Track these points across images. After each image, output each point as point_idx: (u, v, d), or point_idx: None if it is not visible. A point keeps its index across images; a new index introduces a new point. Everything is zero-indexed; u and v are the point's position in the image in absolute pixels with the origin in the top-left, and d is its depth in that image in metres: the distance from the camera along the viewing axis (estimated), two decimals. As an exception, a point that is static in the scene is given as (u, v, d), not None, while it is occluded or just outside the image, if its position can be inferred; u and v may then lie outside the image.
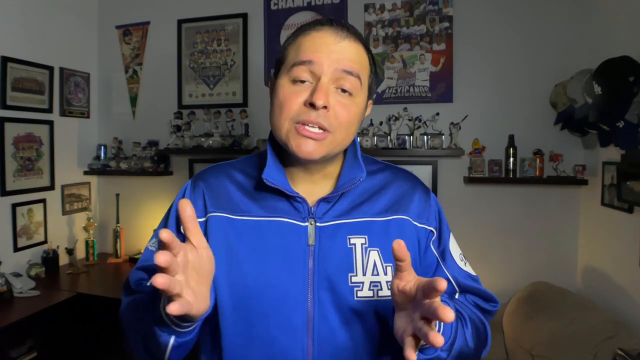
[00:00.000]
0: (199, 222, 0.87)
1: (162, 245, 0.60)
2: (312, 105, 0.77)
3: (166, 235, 0.59)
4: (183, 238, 0.83)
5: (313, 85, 0.79)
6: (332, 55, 0.79)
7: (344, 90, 0.80)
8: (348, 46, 0.81)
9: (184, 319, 0.68)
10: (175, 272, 0.61)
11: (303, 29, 0.84)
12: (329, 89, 0.79)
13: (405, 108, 2.64)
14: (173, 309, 0.58)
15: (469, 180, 2.54)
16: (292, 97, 0.80)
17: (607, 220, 2.21)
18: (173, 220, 0.91)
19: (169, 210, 0.95)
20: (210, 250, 0.70)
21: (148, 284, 0.87)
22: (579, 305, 2.07)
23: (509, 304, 2.33)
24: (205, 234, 0.86)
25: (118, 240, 3.09)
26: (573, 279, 2.50)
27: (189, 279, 0.65)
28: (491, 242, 2.61)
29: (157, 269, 0.80)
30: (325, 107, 0.78)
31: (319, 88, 0.77)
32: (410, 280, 0.67)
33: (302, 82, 0.80)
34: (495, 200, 2.60)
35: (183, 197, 0.92)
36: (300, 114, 0.79)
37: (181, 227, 0.84)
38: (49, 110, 2.89)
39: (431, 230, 0.92)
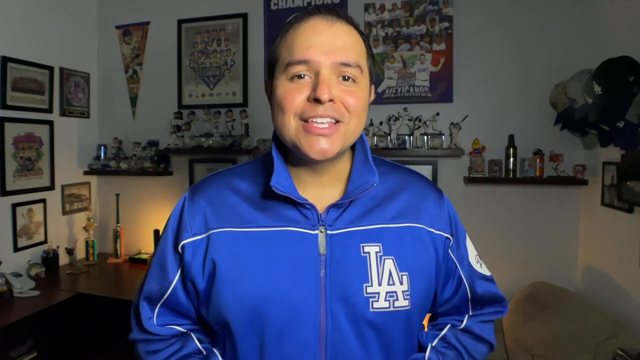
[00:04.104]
0: (198, 239, 0.84)
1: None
2: (316, 100, 0.73)
3: None
4: (180, 257, 0.87)
5: (313, 80, 0.75)
6: (326, 47, 0.75)
7: (346, 78, 0.77)
8: (340, 31, 0.77)
9: None
10: None
11: (292, 22, 0.80)
12: (331, 80, 0.75)
13: (405, 108, 2.64)
14: None
15: (469, 180, 2.54)
16: (292, 93, 0.76)
17: (607, 220, 2.21)
18: (171, 241, 0.89)
19: (168, 223, 0.91)
20: None
21: None
22: (579, 305, 2.07)
23: (509, 304, 2.31)
24: (206, 250, 0.83)
25: (118, 240, 3.10)
26: (573, 279, 2.51)
27: None
28: (491, 242, 2.61)
29: (159, 297, 0.89)
30: (331, 100, 0.74)
31: (320, 82, 0.73)
32: None
33: (301, 77, 0.76)
34: (495, 200, 2.61)
35: (181, 212, 0.88)
36: (305, 111, 0.75)
37: (178, 247, 0.86)
38: (49, 110, 2.89)
39: (447, 237, 0.89)
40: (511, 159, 2.47)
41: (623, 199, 2.00)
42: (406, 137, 2.65)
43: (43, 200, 2.85)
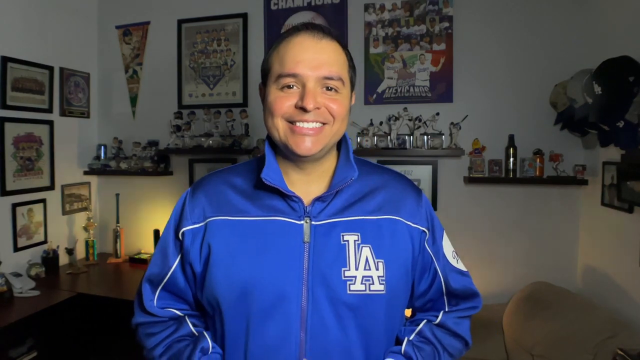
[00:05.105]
0: (197, 227, 0.94)
1: None
2: (303, 109, 0.84)
3: None
4: (180, 244, 0.96)
5: (300, 90, 0.85)
6: (313, 62, 0.85)
7: (329, 89, 0.87)
8: (325, 47, 0.87)
9: None
10: None
11: (283, 37, 0.91)
12: (316, 91, 0.85)
13: (405, 108, 2.66)
14: None
15: (469, 180, 2.55)
16: (281, 100, 0.86)
17: (607, 220, 2.23)
18: (172, 228, 0.99)
19: (170, 217, 1.01)
20: None
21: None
22: (579, 305, 2.08)
23: (509, 304, 2.34)
24: (204, 237, 0.92)
25: (118, 240, 3.12)
26: (573, 279, 2.52)
27: None
28: (491, 242, 2.63)
29: (160, 279, 0.98)
30: (317, 108, 0.84)
31: (307, 93, 0.84)
32: None
33: (290, 87, 0.86)
34: (495, 200, 2.62)
35: (182, 205, 0.98)
36: (293, 115, 0.85)
37: (179, 234, 0.96)
38: (49, 110, 2.91)
39: (423, 231, 0.97)
40: (511, 159, 2.49)
41: (623, 199, 2.01)
42: (406, 137, 2.66)
43: (43, 200, 2.86)
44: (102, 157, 3.25)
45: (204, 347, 0.92)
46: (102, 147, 3.27)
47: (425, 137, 2.61)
